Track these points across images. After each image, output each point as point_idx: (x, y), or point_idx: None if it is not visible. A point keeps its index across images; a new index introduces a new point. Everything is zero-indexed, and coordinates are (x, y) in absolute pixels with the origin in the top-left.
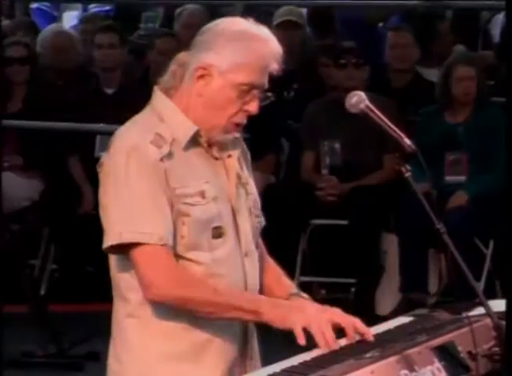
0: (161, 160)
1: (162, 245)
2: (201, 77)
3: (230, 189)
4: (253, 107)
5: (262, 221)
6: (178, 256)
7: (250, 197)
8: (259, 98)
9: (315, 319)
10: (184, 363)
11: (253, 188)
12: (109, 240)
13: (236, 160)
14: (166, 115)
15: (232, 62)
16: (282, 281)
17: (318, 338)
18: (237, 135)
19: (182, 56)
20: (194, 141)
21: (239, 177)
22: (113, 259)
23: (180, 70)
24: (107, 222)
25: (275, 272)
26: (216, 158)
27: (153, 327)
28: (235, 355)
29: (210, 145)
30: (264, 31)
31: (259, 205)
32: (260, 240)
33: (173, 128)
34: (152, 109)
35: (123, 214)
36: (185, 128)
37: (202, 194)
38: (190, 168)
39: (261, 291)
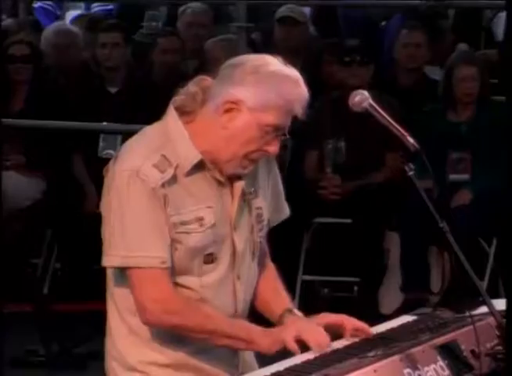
0: (162, 185)
1: (163, 269)
2: (228, 110)
3: (231, 211)
4: (273, 149)
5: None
6: None
7: (255, 212)
8: (280, 140)
9: (304, 327)
10: (170, 370)
11: (261, 200)
12: (110, 261)
13: (246, 180)
14: (174, 137)
15: (262, 102)
16: (279, 294)
17: (310, 343)
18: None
19: (204, 80)
20: (199, 166)
21: (243, 194)
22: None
23: (201, 94)
24: (108, 239)
25: (274, 283)
26: (221, 183)
27: (143, 335)
28: (222, 372)
29: (216, 169)
30: (294, 74)
31: (265, 217)
32: (266, 246)
33: (179, 152)
34: (163, 126)
35: (126, 237)
36: (189, 156)
37: (200, 221)
38: (192, 193)
39: (256, 300)
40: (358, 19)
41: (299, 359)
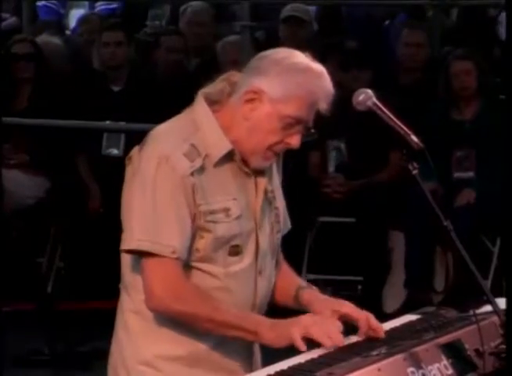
0: (191, 174)
1: (175, 259)
2: (250, 100)
3: (256, 207)
4: (295, 141)
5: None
6: (190, 266)
7: (274, 212)
8: (302, 133)
9: (312, 323)
10: (181, 365)
11: (278, 201)
12: (126, 244)
13: (267, 177)
14: (204, 127)
15: (283, 92)
16: (291, 276)
17: (320, 340)
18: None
19: (232, 75)
20: (228, 157)
21: (266, 192)
22: (125, 257)
23: (229, 88)
24: (128, 223)
25: (286, 269)
26: (247, 174)
27: (158, 328)
28: (235, 368)
29: (244, 161)
30: (320, 68)
31: (281, 218)
32: (280, 252)
33: (208, 141)
34: (191, 114)
35: (144, 222)
36: (220, 146)
37: (226, 212)
38: (219, 183)
39: (275, 295)
40: (361, 19)
41: (303, 357)
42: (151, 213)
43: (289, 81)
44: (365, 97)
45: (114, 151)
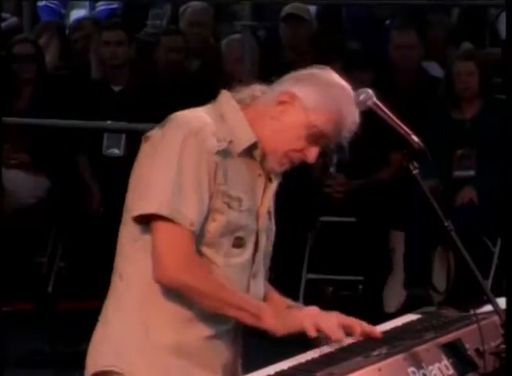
0: (217, 152)
1: (189, 230)
2: (283, 103)
3: (261, 210)
4: (311, 155)
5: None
6: (197, 249)
7: (271, 223)
8: (321, 150)
9: (321, 316)
10: (169, 354)
11: (273, 218)
12: (146, 207)
13: (275, 187)
14: (230, 118)
15: (317, 103)
16: (280, 298)
17: (330, 332)
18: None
19: (255, 90)
20: (250, 151)
21: (270, 202)
22: (128, 227)
23: (258, 94)
24: (148, 187)
25: (275, 294)
26: (260, 176)
27: (152, 313)
28: (220, 368)
29: (261, 161)
30: (352, 94)
31: (273, 229)
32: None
33: (235, 132)
34: (214, 108)
35: (167, 189)
36: (245, 137)
37: (240, 201)
38: (237, 174)
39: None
40: (362, 18)
41: (303, 357)
42: (174, 183)
43: (324, 94)
44: (366, 97)
45: (115, 151)
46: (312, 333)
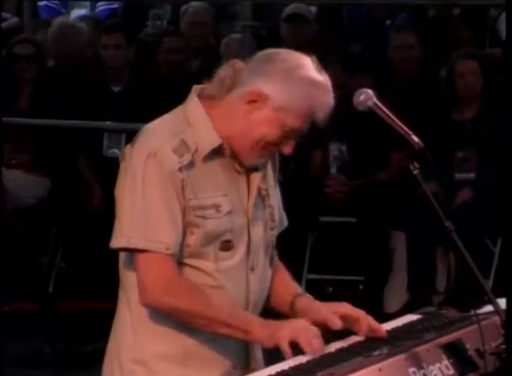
0: (179, 169)
1: (167, 255)
2: (252, 102)
3: (249, 203)
4: (288, 149)
5: (277, 231)
6: (181, 263)
7: (268, 209)
8: (296, 141)
9: (302, 330)
10: (174, 364)
11: (272, 199)
12: (116, 242)
13: (261, 174)
14: (195, 122)
15: (286, 103)
16: (288, 283)
17: (305, 347)
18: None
19: (238, 63)
20: (217, 152)
21: (259, 190)
22: (121, 255)
23: (231, 78)
24: (118, 220)
25: (283, 274)
26: (238, 171)
27: (152, 325)
28: (229, 365)
29: (234, 157)
30: (326, 83)
31: (276, 217)
32: (275, 250)
33: (199, 137)
34: (183, 112)
35: (134, 218)
36: (209, 140)
37: (217, 207)
38: (210, 179)
39: (270, 297)
40: (362, 18)
41: (304, 357)
42: (141, 209)
43: (293, 93)
44: (366, 97)
45: (115, 151)
46: (288, 355)
